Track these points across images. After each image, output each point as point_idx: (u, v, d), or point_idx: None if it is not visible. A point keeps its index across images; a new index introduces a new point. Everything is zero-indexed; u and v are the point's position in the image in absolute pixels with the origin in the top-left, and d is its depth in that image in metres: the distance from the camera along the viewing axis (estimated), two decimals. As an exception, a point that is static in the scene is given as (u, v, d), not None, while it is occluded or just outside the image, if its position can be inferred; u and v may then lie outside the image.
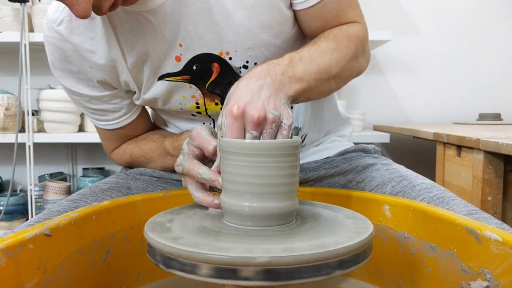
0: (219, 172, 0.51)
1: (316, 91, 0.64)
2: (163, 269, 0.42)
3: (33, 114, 1.88)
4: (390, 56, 2.23)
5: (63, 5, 0.71)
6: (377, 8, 2.12)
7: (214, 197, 0.53)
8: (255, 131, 0.50)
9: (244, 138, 0.50)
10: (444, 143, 1.41)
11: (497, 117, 2.04)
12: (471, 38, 2.24)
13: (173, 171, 0.84)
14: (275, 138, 0.51)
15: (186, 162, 0.55)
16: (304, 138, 0.84)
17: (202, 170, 0.53)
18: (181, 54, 0.72)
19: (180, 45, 0.71)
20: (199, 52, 0.71)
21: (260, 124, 0.50)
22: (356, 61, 0.72)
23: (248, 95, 0.52)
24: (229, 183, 0.47)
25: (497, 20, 2.23)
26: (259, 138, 0.50)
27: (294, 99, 0.59)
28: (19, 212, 1.91)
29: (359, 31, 0.73)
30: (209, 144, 0.54)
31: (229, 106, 0.51)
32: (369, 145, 0.89)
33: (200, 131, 0.56)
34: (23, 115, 1.90)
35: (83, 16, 0.55)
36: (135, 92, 0.78)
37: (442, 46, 2.24)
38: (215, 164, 0.53)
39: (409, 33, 2.23)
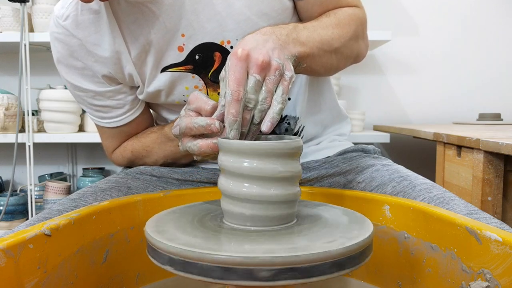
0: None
1: (318, 61, 0.66)
2: (164, 269, 0.42)
3: (33, 114, 1.88)
4: (390, 56, 2.23)
5: (69, 1, 0.74)
6: (377, 8, 2.12)
7: (213, 138, 0.53)
8: (258, 74, 0.51)
9: (247, 80, 0.50)
10: (444, 143, 1.41)
11: (497, 117, 2.04)
12: (471, 38, 2.24)
13: (173, 163, 0.84)
14: (276, 88, 0.52)
15: (183, 120, 0.56)
16: (302, 130, 0.84)
17: (198, 119, 0.54)
18: (183, 44, 0.73)
19: (183, 35, 0.72)
20: (201, 42, 0.73)
21: (264, 69, 0.51)
22: (357, 42, 0.75)
23: (253, 43, 0.54)
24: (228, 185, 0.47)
25: (497, 20, 2.23)
26: (262, 84, 0.51)
27: (297, 63, 0.61)
28: (19, 212, 1.91)
29: (359, 13, 0.76)
30: (207, 104, 0.55)
31: (234, 50, 0.52)
32: (369, 146, 0.89)
33: (197, 94, 0.57)
34: (23, 115, 1.90)
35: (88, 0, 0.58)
36: (138, 87, 0.79)
37: (442, 46, 2.24)
38: (214, 114, 0.54)
39: (409, 33, 2.23)
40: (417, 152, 2.17)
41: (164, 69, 0.75)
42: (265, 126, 0.51)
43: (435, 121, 2.25)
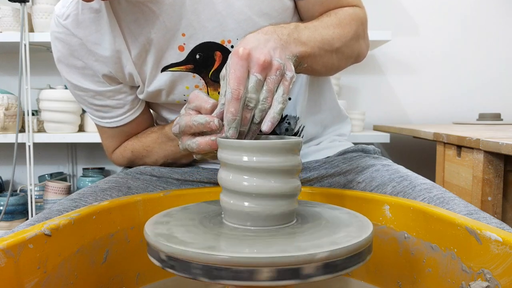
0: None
1: (319, 61, 0.66)
2: (164, 269, 0.42)
3: (33, 114, 1.88)
4: (390, 56, 2.23)
5: (70, 0, 0.74)
6: (377, 8, 2.12)
7: (211, 135, 0.53)
8: (259, 74, 0.50)
9: (247, 80, 0.50)
10: (444, 143, 1.41)
11: (497, 117, 2.04)
12: (471, 38, 2.24)
13: (173, 163, 0.84)
14: (277, 88, 0.52)
15: (182, 118, 0.56)
16: (302, 130, 0.84)
17: (197, 117, 0.54)
18: (184, 44, 0.73)
19: (183, 35, 0.72)
20: (202, 41, 0.73)
21: (265, 68, 0.51)
22: (357, 42, 0.75)
23: (255, 43, 0.54)
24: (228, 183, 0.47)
25: (497, 20, 2.23)
26: (263, 84, 0.51)
27: (298, 63, 0.61)
28: (19, 212, 1.91)
29: (360, 13, 0.77)
30: (207, 102, 0.55)
31: (235, 49, 0.52)
32: (369, 146, 0.90)
33: (197, 93, 0.57)
34: (23, 115, 1.90)
35: None
36: (138, 86, 0.79)
37: (442, 46, 2.24)
38: (214, 113, 0.54)
39: (409, 33, 2.23)
40: (417, 152, 2.17)
41: (164, 69, 0.75)
42: (266, 126, 0.51)
43: (435, 121, 2.25)
